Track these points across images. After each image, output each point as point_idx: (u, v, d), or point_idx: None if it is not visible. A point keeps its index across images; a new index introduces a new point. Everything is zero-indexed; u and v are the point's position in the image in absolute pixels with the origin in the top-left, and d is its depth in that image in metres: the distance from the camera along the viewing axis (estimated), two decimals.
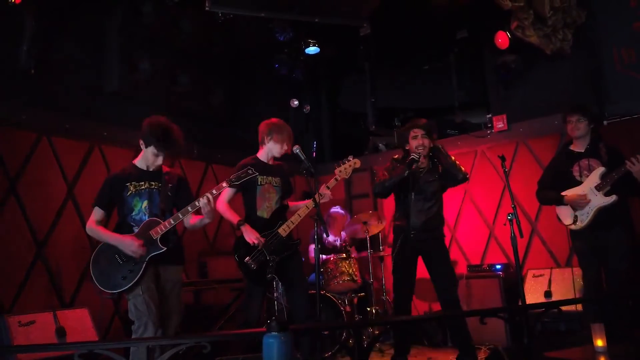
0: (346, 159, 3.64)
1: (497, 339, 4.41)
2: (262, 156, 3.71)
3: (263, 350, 1.83)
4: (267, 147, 3.69)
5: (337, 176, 3.62)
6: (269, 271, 3.31)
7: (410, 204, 3.73)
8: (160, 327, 2.96)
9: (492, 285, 4.72)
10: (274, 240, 3.47)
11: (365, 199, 6.57)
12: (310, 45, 5.96)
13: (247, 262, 3.39)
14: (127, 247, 2.97)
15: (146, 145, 3.15)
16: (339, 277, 4.76)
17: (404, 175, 3.66)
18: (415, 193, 3.75)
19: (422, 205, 3.78)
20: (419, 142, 3.76)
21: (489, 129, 5.63)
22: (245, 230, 3.43)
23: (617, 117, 4.78)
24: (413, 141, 3.81)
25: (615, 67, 4.82)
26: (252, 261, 3.38)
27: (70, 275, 4.22)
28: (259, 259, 3.39)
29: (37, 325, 3.64)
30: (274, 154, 3.70)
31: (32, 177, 4.13)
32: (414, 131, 3.81)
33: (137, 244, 2.97)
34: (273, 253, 3.41)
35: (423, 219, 3.76)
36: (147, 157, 3.19)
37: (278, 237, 3.49)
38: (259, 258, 3.40)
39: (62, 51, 4.42)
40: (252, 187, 3.55)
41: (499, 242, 5.37)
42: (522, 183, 5.05)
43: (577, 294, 4.28)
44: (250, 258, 3.39)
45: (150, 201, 3.12)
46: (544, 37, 4.69)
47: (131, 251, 2.96)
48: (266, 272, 3.32)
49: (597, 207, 3.73)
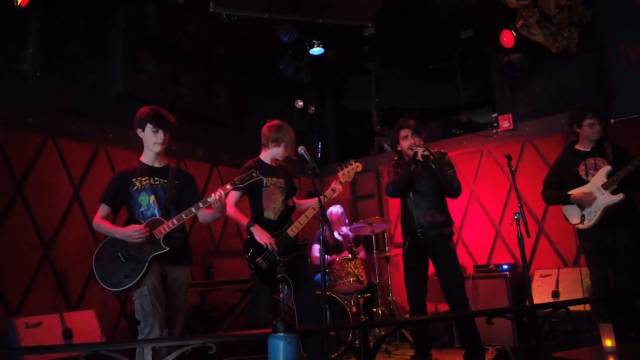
0: (348, 163, 3.76)
1: (504, 339, 4.39)
2: (265, 158, 3.74)
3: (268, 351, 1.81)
4: (270, 149, 3.72)
5: (341, 179, 3.70)
6: (280, 270, 3.32)
7: (411, 203, 3.83)
8: (167, 328, 2.96)
9: (499, 285, 4.70)
10: (284, 240, 3.53)
11: (370, 200, 6.56)
12: (314, 46, 5.97)
13: (258, 262, 3.43)
14: (130, 235, 2.95)
15: (143, 128, 3.15)
16: (344, 278, 4.75)
17: (412, 168, 3.76)
18: (413, 192, 3.83)
19: (422, 203, 3.80)
20: (410, 141, 3.85)
21: (495, 128, 5.60)
22: (256, 231, 3.46)
23: (624, 116, 4.75)
24: (404, 142, 3.90)
25: (622, 66, 4.79)
26: (262, 261, 3.42)
27: (77, 277, 4.23)
28: (269, 259, 3.44)
29: (44, 326, 3.65)
30: (277, 157, 3.74)
31: (38, 178, 4.14)
32: (403, 132, 3.90)
33: (138, 227, 2.95)
34: (282, 253, 3.46)
35: (427, 216, 3.77)
36: (147, 143, 3.17)
37: (287, 238, 3.54)
38: (270, 258, 3.44)
39: (68, 53, 4.45)
40: (258, 189, 3.58)
41: (506, 242, 5.34)
42: (528, 182, 5.02)
43: (585, 294, 4.25)
44: (261, 258, 3.43)
45: (157, 197, 3.12)
46: (549, 36, 4.66)
47: (136, 238, 2.94)
48: (276, 272, 3.34)
49: (605, 206, 3.71)
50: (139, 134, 3.19)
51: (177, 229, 3.12)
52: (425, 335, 3.91)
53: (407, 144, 3.86)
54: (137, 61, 4.81)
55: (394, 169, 3.98)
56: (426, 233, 3.73)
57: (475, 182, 5.67)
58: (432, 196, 3.82)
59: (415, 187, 3.83)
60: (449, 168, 3.86)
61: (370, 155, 6.80)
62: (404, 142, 3.89)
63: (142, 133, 3.17)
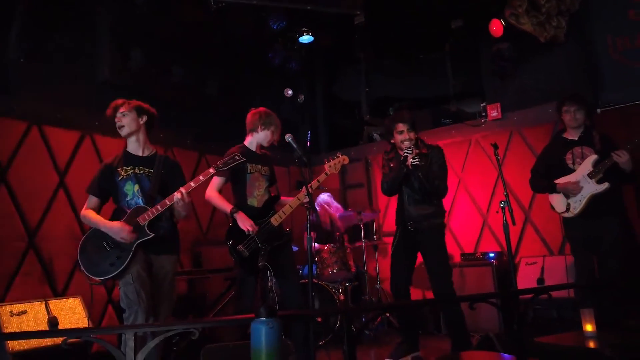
0: (335, 155, 3.71)
1: (490, 328, 4.42)
2: (251, 145, 3.70)
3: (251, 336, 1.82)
4: (255, 135, 3.69)
5: (327, 171, 3.67)
6: (261, 259, 3.33)
7: (403, 195, 3.81)
8: (152, 316, 2.96)
9: (485, 274, 4.75)
10: (266, 228, 3.49)
11: (359, 189, 6.57)
12: (304, 34, 5.92)
13: (239, 249, 3.41)
14: (116, 233, 2.95)
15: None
16: (332, 266, 4.77)
17: (402, 173, 3.69)
18: (405, 185, 3.79)
19: (414, 196, 3.77)
20: (405, 136, 3.76)
21: (483, 117, 5.62)
22: (239, 218, 3.43)
23: (611, 105, 4.78)
24: (398, 135, 3.80)
25: (610, 55, 4.81)
26: (244, 249, 3.40)
27: (63, 264, 4.21)
28: (251, 247, 3.41)
29: (28, 315, 3.63)
30: (262, 143, 3.71)
31: (23, 166, 4.11)
32: (399, 126, 3.80)
33: (127, 229, 2.95)
34: (265, 242, 3.44)
35: (418, 209, 3.75)
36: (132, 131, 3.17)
37: (270, 226, 3.51)
38: (252, 246, 3.42)
39: (53, 40, 4.37)
40: (242, 175, 3.55)
41: (493, 231, 5.38)
42: (515, 172, 5.05)
43: (569, 281, 4.29)
44: (243, 246, 3.40)
45: (141, 186, 3.11)
46: (538, 25, 4.67)
47: (121, 237, 2.95)
48: (257, 260, 3.34)
49: (590, 195, 3.73)
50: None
51: (164, 218, 3.11)
52: (412, 322, 3.93)
53: (401, 139, 3.78)
54: (125, 49, 4.75)
55: (386, 162, 3.93)
56: (417, 225, 3.73)
57: (463, 171, 5.70)
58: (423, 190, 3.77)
59: (407, 180, 3.79)
60: (439, 168, 3.77)
61: (360, 144, 6.79)
62: (399, 136, 3.80)
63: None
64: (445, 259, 3.76)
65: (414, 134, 3.79)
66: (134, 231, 2.97)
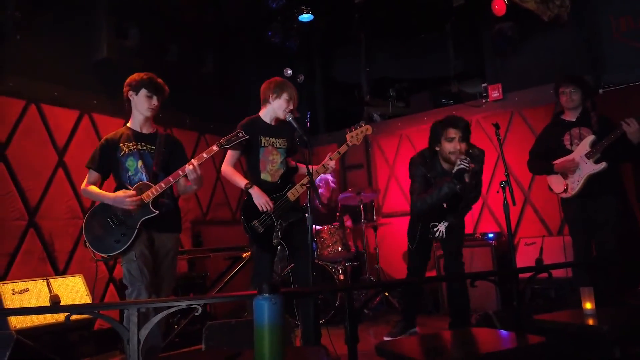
0: (358, 125, 3.43)
1: (489, 307, 4.47)
2: (265, 116, 3.50)
3: (254, 312, 1.83)
4: (270, 106, 3.47)
5: (349, 142, 3.44)
6: (275, 236, 3.22)
7: None
8: (155, 293, 2.97)
9: (485, 254, 4.77)
10: (283, 204, 3.33)
11: (359, 170, 6.56)
12: (304, 12, 5.84)
13: (254, 225, 3.27)
14: (120, 202, 2.93)
15: (137, 92, 3.11)
16: (332, 246, 4.80)
17: (454, 191, 3.32)
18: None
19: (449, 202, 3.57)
20: (455, 146, 3.40)
21: (484, 98, 5.59)
22: (254, 193, 3.27)
23: (612, 86, 4.75)
24: (447, 143, 3.43)
25: (612, 35, 4.77)
26: (258, 224, 3.28)
27: (64, 243, 4.22)
28: (266, 223, 3.28)
29: (30, 293, 3.65)
30: (278, 114, 3.45)
31: (21, 144, 4.09)
32: (451, 132, 3.43)
33: (130, 194, 2.93)
34: (280, 217, 3.28)
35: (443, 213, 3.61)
36: (140, 107, 3.12)
37: (287, 201, 3.34)
38: (267, 222, 3.28)
39: (50, 17, 4.32)
40: (256, 149, 3.39)
41: (492, 212, 5.40)
42: (516, 153, 5.04)
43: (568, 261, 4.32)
44: (257, 221, 3.28)
45: (144, 162, 3.09)
46: (541, 3, 4.61)
47: (126, 204, 2.92)
48: (272, 237, 3.24)
49: (587, 175, 3.74)
50: (130, 97, 3.13)
51: (166, 196, 3.11)
52: (414, 301, 3.96)
53: (450, 148, 3.43)
54: (122, 27, 4.70)
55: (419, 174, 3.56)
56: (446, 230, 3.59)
57: None
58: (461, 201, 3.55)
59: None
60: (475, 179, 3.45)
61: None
62: (447, 144, 3.43)
63: (135, 96, 3.12)
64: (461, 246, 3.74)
65: (465, 146, 3.39)
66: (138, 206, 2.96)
